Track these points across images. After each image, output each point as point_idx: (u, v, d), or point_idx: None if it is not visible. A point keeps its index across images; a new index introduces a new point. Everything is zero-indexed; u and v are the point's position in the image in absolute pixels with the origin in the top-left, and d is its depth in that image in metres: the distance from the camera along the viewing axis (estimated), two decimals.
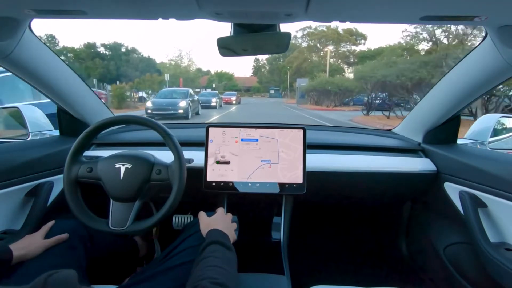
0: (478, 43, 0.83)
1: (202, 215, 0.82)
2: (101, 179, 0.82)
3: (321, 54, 35.92)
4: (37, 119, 1.33)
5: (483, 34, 0.78)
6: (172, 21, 0.65)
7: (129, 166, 0.82)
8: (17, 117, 1.35)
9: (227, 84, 45.38)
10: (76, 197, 0.83)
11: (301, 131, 1.00)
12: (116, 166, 0.82)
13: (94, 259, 0.84)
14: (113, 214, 0.82)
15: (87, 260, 0.81)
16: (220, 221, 0.78)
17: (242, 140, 1.00)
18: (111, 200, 0.84)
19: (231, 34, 0.75)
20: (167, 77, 24.21)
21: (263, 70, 50.01)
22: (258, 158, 1.00)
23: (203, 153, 0.99)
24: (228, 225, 0.78)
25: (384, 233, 1.44)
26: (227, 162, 0.99)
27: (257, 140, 1.00)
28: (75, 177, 0.83)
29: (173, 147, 0.84)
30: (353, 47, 36.53)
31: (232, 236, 0.76)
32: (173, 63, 39.35)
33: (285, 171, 0.99)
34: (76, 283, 0.38)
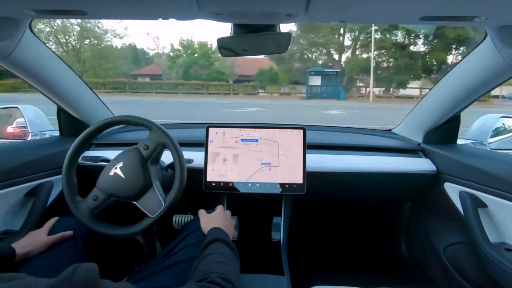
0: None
1: (202, 212, 0.82)
2: (113, 194, 0.81)
3: None
4: (37, 119, 1.33)
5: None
6: (172, 21, 0.65)
7: (121, 164, 0.82)
8: (17, 117, 1.35)
9: (197, 66, 20.73)
10: (99, 224, 0.81)
11: (301, 131, 1.00)
12: (112, 174, 0.81)
13: (95, 257, 0.84)
14: (146, 208, 0.81)
15: (88, 258, 0.81)
16: (220, 218, 0.78)
17: (242, 140, 1.00)
18: (135, 203, 0.82)
19: (231, 34, 0.75)
20: None
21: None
22: (258, 157, 1.00)
23: (203, 153, 0.99)
24: (228, 222, 0.79)
25: (384, 233, 1.44)
26: (227, 162, 1.00)
27: (257, 140, 1.00)
28: (92, 211, 0.80)
29: (173, 148, 0.84)
30: None
31: (232, 233, 0.77)
32: None
33: (285, 172, 0.99)
34: (98, 275, 0.41)
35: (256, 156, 1.00)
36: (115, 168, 0.82)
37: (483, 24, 0.70)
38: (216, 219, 0.77)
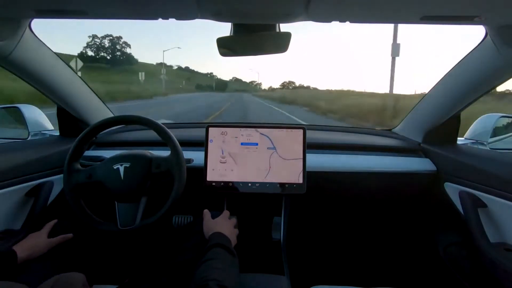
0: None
1: (207, 214, 0.82)
2: (102, 182, 0.82)
3: None
4: (37, 119, 1.33)
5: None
6: (172, 21, 0.65)
7: (127, 165, 0.82)
8: (17, 117, 1.34)
9: None
10: (79, 204, 0.82)
11: (301, 131, 1.00)
12: (115, 167, 0.82)
13: (95, 258, 0.85)
14: (120, 215, 0.82)
15: (89, 260, 0.81)
16: (224, 225, 0.78)
17: (242, 144, 1.00)
18: (116, 202, 0.84)
19: (231, 34, 0.75)
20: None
21: None
22: (258, 158, 1.00)
23: (203, 153, 0.99)
24: (231, 230, 0.79)
25: (384, 233, 1.44)
26: (227, 162, 1.00)
27: (257, 144, 1.00)
28: (76, 185, 0.83)
29: (173, 147, 0.84)
30: None
31: (234, 241, 0.76)
32: None
33: (285, 171, 0.99)
34: (81, 285, 0.39)
35: (256, 156, 1.00)
36: (121, 165, 0.83)
37: (483, 23, 0.70)
38: (219, 225, 0.77)
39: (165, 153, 0.88)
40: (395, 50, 8.82)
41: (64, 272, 0.70)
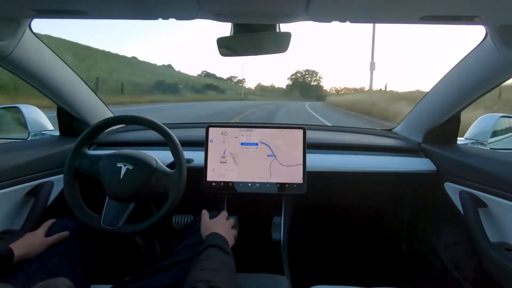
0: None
1: (205, 214, 0.82)
2: (101, 175, 0.83)
3: None
4: (37, 119, 1.33)
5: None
6: (172, 21, 0.65)
7: (130, 167, 0.82)
8: (17, 117, 1.34)
9: None
10: (73, 189, 0.83)
11: (301, 131, 1.00)
12: (118, 165, 0.82)
13: (94, 258, 0.84)
14: (106, 212, 0.82)
15: (87, 259, 0.81)
16: (221, 226, 0.77)
17: (242, 144, 1.00)
18: (107, 198, 0.84)
19: (231, 34, 0.75)
20: None
21: None
22: (258, 158, 1.00)
23: (203, 153, 0.99)
24: (228, 230, 0.78)
25: (384, 233, 1.44)
26: (227, 162, 1.00)
27: (256, 144, 1.00)
28: (76, 168, 0.84)
29: (174, 148, 0.84)
30: None
31: (231, 242, 0.76)
32: None
33: (285, 171, 0.99)
34: None
35: (256, 156, 1.00)
36: (124, 165, 0.83)
37: (483, 23, 0.70)
38: (216, 225, 0.77)
39: (167, 154, 0.88)
40: None
41: (62, 271, 0.70)
